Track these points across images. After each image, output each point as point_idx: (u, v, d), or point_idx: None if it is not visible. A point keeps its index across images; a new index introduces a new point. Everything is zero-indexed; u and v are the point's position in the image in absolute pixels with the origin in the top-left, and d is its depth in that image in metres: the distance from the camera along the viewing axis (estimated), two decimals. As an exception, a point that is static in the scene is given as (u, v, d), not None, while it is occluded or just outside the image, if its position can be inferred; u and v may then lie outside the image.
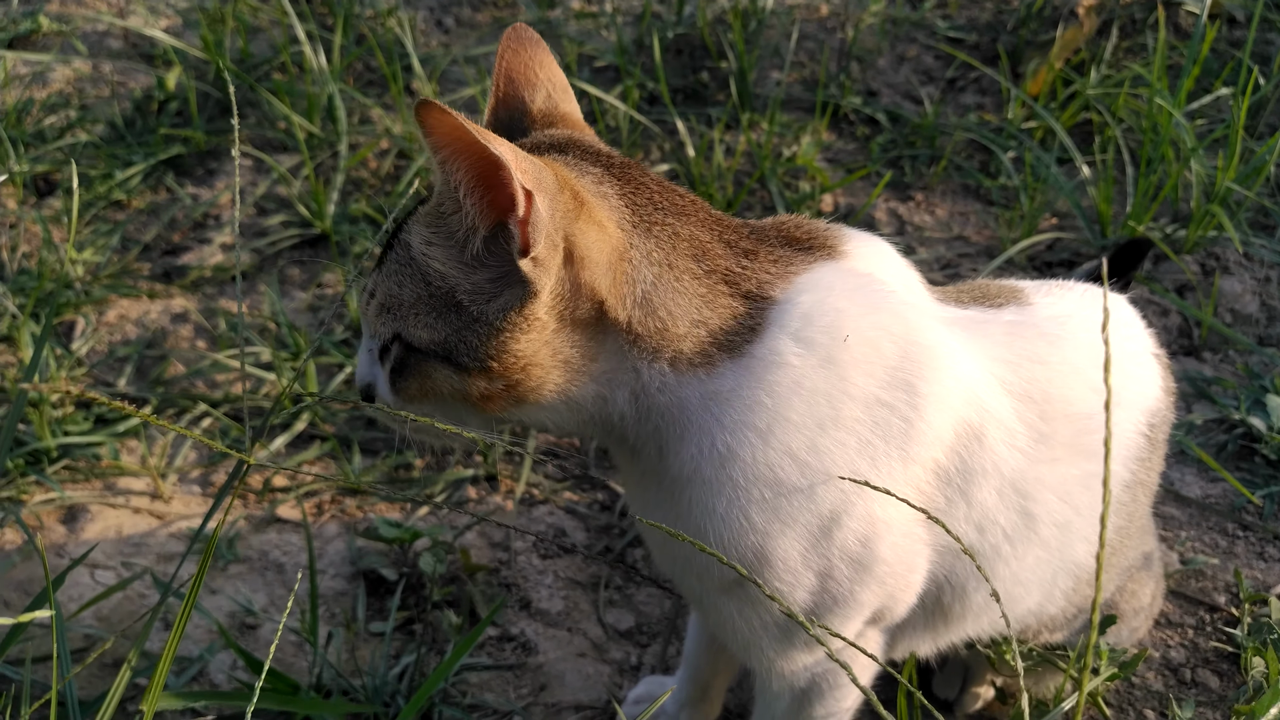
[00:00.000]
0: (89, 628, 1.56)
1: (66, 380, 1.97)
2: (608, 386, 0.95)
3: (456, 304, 0.91)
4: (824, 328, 0.93)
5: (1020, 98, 2.46)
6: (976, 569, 1.03)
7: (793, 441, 0.92)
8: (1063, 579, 1.12)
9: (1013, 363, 1.02)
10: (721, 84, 2.62)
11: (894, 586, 1.01)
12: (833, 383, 0.92)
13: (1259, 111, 2.38)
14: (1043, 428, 1.02)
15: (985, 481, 1.00)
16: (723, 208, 2.24)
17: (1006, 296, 1.11)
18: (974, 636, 1.16)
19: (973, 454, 0.98)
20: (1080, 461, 1.05)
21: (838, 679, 1.08)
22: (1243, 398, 1.82)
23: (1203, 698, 1.43)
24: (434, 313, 0.92)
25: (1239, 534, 1.65)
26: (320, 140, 2.48)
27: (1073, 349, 1.05)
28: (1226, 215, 2.05)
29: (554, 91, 1.08)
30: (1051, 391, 1.02)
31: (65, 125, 2.59)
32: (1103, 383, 1.05)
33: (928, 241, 2.25)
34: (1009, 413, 1.00)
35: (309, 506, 1.77)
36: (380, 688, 1.44)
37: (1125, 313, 1.16)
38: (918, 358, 0.95)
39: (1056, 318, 1.07)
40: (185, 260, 2.29)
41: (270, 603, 1.62)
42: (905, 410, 0.94)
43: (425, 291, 0.92)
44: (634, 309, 0.92)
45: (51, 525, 1.74)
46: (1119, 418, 1.07)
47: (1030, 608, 1.14)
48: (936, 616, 1.10)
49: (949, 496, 0.99)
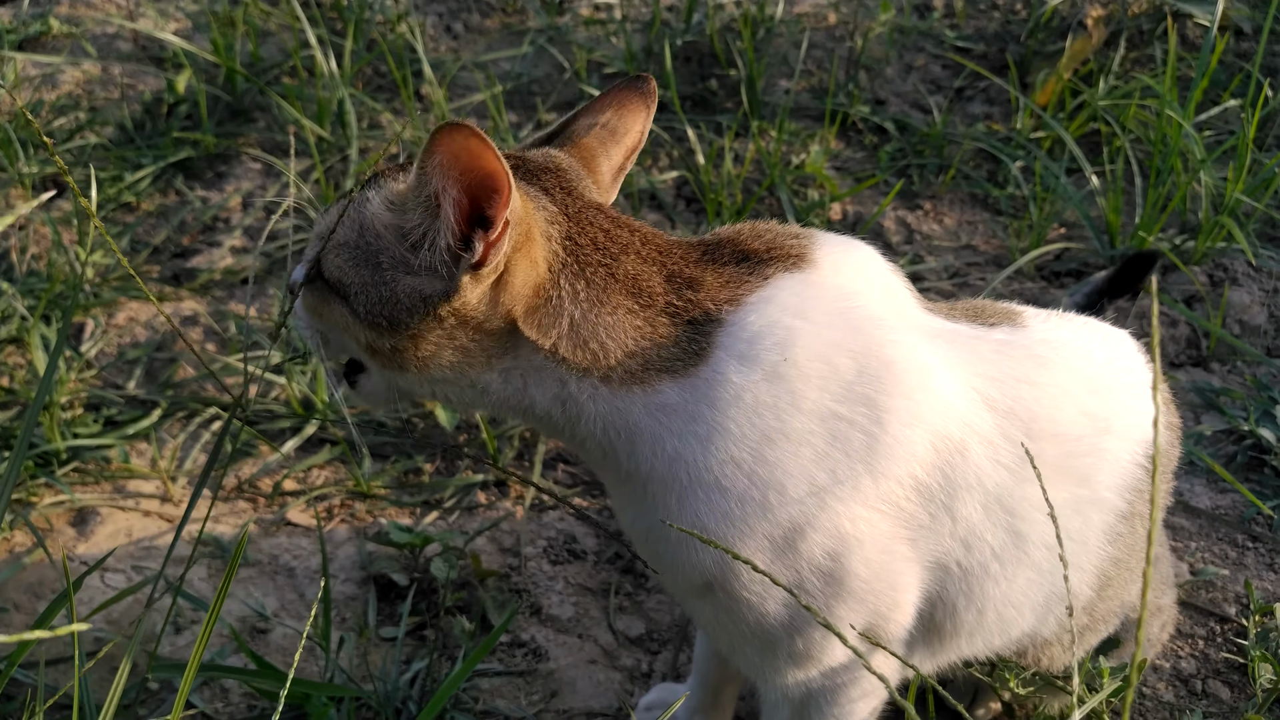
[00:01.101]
0: (100, 631, 1.56)
1: (76, 381, 1.97)
2: (520, 380, 1.00)
3: (376, 263, 0.97)
4: (770, 346, 0.94)
5: (1029, 107, 2.46)
6: (966, 586, 1.03)
7: (734, 450, 0.94)
8: (1056, 606, 1.11)
9: (998, 380, 1.01)
10: (730, 92, 2.63)
11: (877, 604, 1.00)
12: (779, 396, 0.93)
13: (1268, 124, 2.39)
14: (1029, 446, 1.00)
15: (970, 496, 0.99)
16: (732, 215, 2.25)
17: (1001, 316, 1.10)
18: (970, 655, 1.15)
19: (955, 468, 0.98)
20: (1069, 485, 1.04)
21: (836, 695, 1.08)
22: (1251, 409, 1.82)
23: (1213, 709, 1.43)
24: (353, 260, 0.98)
25: (1249, 545, 1.65)
26: (330, 145, 2.49)
27: (1063, 372, 1.05)
28: (1236, 226, 2.05)
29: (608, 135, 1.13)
30: (1038, 411, 1.01)
31: (75, 127, 2.60)
32: (1094, 407, 1.05)
33: (936, 250, 2.25)
34: (991, 428, 1.00)
35: (319, 510, 1.77)
36: (392, 693, 1.44)
37: (1126, 346, 1.14)
38: (877, 372, 0.94)
39: (1050, 341, 1.07)
40: (195, 263, 2.29)
41: (281, 607, 1.62)
42: (866, 425, 0.94)
43: (356, 238, 0.98)
44: (559, 339, 0.97)
45: (61, 528, 1.74)
46: (1114, 446, 1.06)
47: (1025, 630, 1.13)
48: (931, 634, 1.09)
49: (933, 513, 0.98)
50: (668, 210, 2.36)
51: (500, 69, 2.80)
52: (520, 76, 2.75)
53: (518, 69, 2.78)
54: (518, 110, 2.67)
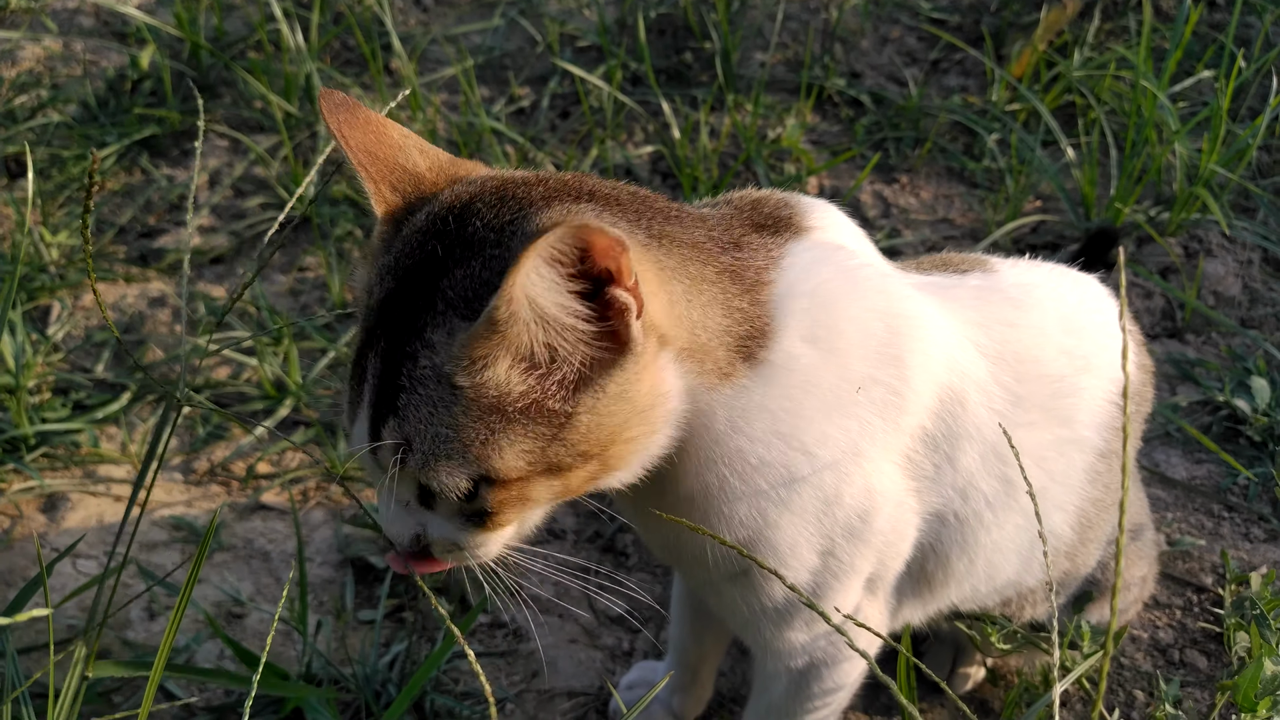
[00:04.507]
0: (72, 619, 1.53)
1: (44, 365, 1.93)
2: (677, 422, 0.89)
3: (546, 410, 0.81)
4: (824, 323, 0.92)
5: (1004, 79, 2.45)
6: (960, 536, 1.04)
7: (805, 437, 0.91)
8: (1040, 549, 1.12)
9: (984, 325, 1.02)
10: (705, 65, 2.60)
11: (886, 555, 1.01)
12: (837, 372, 0.92)
13: (1241, 95, 2.39)
14: (1018, 389, 1.02)
15: (970, 446, 1.00)
16: (708, 190, 2.23)
17: (971, 264, 1.12)
18: (956, 602, 1.16)
19: (956, 418, 0.99)
20: (1054, 426, 1.05)
21: (834, 657, 1.08)
22: (1227, 380, 1.83)
23: (1190, 678, 1.45)
24: (522, 433, 0.81)
25: (1224, 515, 1.67)
26: (298, 120, 2.44)
27: (1039, 313, 1.05)
28: (1211, 197, 2.06)
29: (420, 145, 0.95)
30: (1023, 353, 1.03)
31: (36, 105, 2.53)
32: (1072, 347, 1.05)
33: (913, 224, 2.25)
34: (986, 375, 1.01)
35: (294, 493, 1.75)
36: (371, 676, 1.42)
37: (1094, 288, 1.16)
38: (902, 330, 0.95)
39: (1022, 284, 1.08)
40: (162, 243, 2.24)
41: (257, 591, 1.60)
42: (895, 384, 0.94)
43: (501, 419, 0.81)
44: (682, 332, 0.87)
45: (31, 514, 1.70)
46: (1089, 383, 1.07)
47: (1010, 577, 1.14)
48: (921, 585, 1.10)
49: (936, 463, 1.00)
50: (644, 185, 2.33)
51: (471, 42, 2.76)
52: (492, 50, 2.71)
53: (489, 42, 2.73)
54: (490, 84, 2.63)
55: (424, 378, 0.81)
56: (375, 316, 0.85)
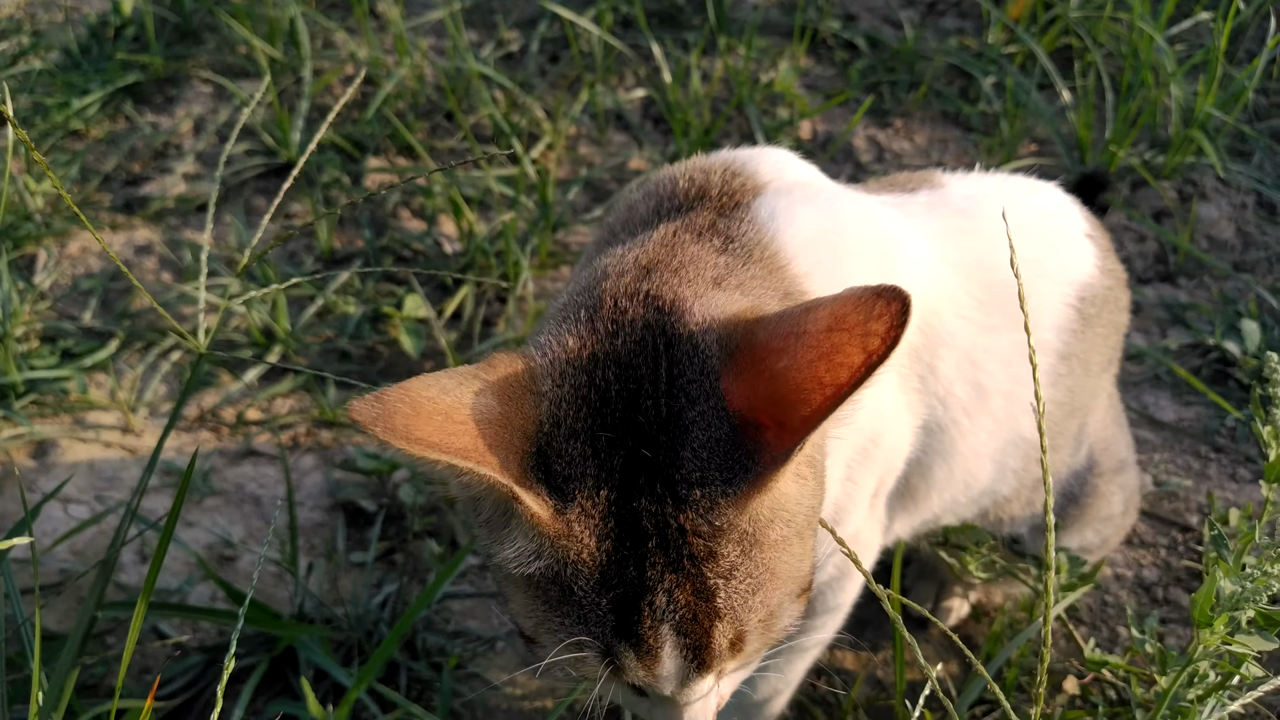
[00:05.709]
0: (64, 562, 1.54)
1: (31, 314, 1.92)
2: None
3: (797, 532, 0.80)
4: (831, 261, 0.92)
5: (1001, 21, 2.42)
6: (940, 444, 1.07)
7: None
8: (1012, 455, 1.13)
9: (940, 235, 1.04)
10: (697, 7, 2.56)
11: (886, 471, 1.04)
12: None
13: (1239, 37, 2.36)
14: (981, 296, 1.04)
15: (947, 353, 1.03)
16: (700, 135, 2.21)
17: (918, 182, 1.13)
18: (938, 513, 1.17)
19: (934, 328, 1.01)
20: (1014, 330, 1.06)
21: (843, 582, 1.10)
22: (1218, 323, 1.83)
23: (1174, 615, 1.46)
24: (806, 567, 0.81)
25: (1211, 456, 1.67)
26: (283, 66, 2.41)
27: (988, 221, 1.06)
28: (1206, 140, 2.04)
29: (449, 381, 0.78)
30: (981, 260, 1.04)
31: (18, 52, 2.49)
32: (1026, 251, 1.05)
33: (907, 169, 2.22)
34: (953, 283, 1.03)
35: (284, 439, 1.75)
36: (363, 616, 1.43)
37: (1054, 195, 1.17)
38: (888, 249, 0.98)
39: (970, 195, 1.10)
40: (147, 190, 2.22)
41: (248, 534, 1.60)
42: None
43: (795, 569, 0.80)
44: None
45: (21, 460, 1.71)
46: (1042, 288, 1.08)
47: (985, 485, 1.16)
48: (906, 498, 1.12)
49: (921, 373, 1.02)
50: (635, 131, 2.31)
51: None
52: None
53: (478, -14, 2.69)
54: (478, 28, 2.59)
55: (747, 561, 0.76)
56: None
